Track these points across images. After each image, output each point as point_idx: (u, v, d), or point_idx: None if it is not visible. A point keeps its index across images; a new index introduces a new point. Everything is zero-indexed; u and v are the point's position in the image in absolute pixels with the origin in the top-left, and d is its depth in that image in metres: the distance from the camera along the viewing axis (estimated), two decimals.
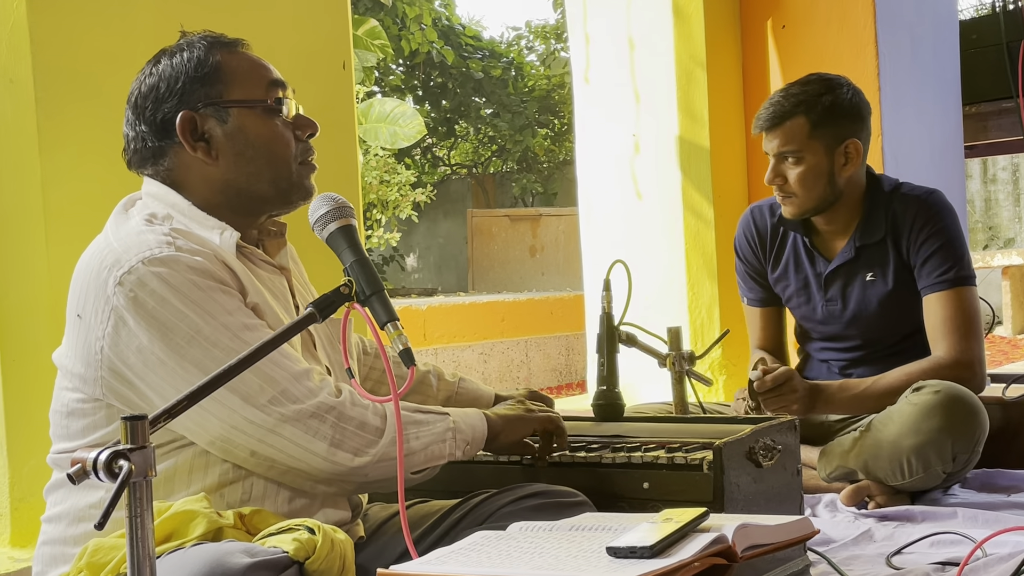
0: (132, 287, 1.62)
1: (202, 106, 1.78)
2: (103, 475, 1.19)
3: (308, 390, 1.66)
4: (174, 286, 1.62)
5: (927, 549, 2.31)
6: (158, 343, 1.61)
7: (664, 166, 4.37)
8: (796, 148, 2.87)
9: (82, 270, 1.71)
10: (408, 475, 1.76)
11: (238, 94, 1.80)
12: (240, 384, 1.61)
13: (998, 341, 9.14)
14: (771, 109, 2.90)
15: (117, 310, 1.62)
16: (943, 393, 2.64)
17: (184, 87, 1.79)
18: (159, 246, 1.65)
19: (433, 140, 15.78)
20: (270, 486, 1.70)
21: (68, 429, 1.71)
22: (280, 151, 1.81)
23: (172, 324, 1.62)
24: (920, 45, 4.49)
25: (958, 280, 2.86)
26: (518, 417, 1.95)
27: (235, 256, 1.74)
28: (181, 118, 1.77)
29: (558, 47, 16.54)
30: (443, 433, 1.79)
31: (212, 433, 1.64)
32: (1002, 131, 5.04)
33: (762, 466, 1.97)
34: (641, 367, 2.90)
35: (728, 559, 1.42)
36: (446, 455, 1.79)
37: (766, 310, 3.20)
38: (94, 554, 1.51)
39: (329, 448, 1.65)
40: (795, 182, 2.89)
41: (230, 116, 1.79)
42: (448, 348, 7.60)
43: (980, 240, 12.62)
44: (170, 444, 1.68)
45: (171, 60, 1.81)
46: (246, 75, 1.81)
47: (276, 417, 1.63)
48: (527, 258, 13.35)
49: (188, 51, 1.81)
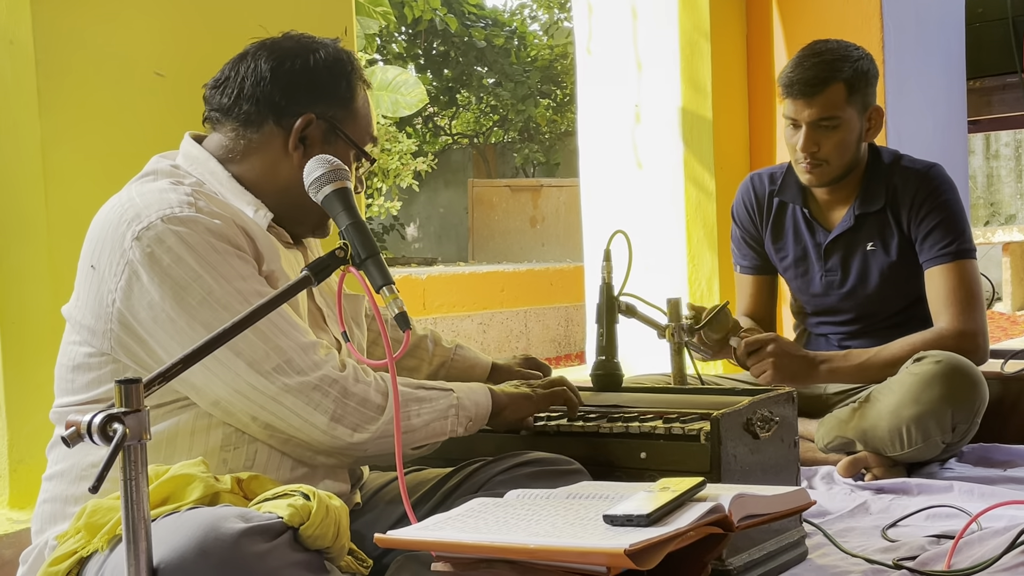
0: (149, 242, 1.62)
1: (326, 120, 1.82)
2: (97, 438, 1.18)
3: (313, 362, 1.66)
4: (191, 245, 1.62)
5: (923, 522, 2.32)
6: (170, 301, 1.61)
7: (666, 137, 4.35)
8: (835, 114, 2.85)
9: (100, 222, 1.71)
10: (407, 451, 1.76)
11: (350, 129, 1.84)
12: (247, 349, 1.62)
13: (997, 317, 9.14)
14: (806, 76, 2.84)
15: (132, 264, 1.62)
16: (944, 363, 2.65)
17: (326, 94, 1.82)
18: (180, 205, 1.66)
19: (435, 109, 15.73)
20: (274, 453, 1.71)
21: (73, 383, 1.71)
22: None
23: (185, 283, 1.62)
24: (925, 18, 4.47)
25: (960, 253, 2.87)
26: (524, 396, 1.95)
27: (264, 230, 1.76)
28: (305, 118, 1.80)
29: (561, 17, 16.47)
30: (445, 410, 1.79)
31: (215, 395, 1.64)
32: (1006, 106, 5.02)
33: (759, 437, 1.97)
34: (640, 338, 2.89)
35: (724, 528, 1.43)
36: (447, 432, 1.80)
37: (759, 278, 3.20)
38: (92, 515, 1.51)
39: (329, 422, 1.66)
40: (831, 149, 2.87)
41: (333, 143, 1.83)
42: (447, 318, 7.60)
43: (981, 216, 12.60)
44: (172, 404, 1.68)
45: (330, 62, 1.84)
46: (365, 117, 1.87)
47: (279, 386, 1.63)
48: (527, 228, 13.34)
49: (344, 64, 1.85)
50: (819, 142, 2.86)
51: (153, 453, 1.62)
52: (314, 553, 1.45)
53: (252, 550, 1.36)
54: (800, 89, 2.84)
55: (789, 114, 2.88)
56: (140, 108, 2.42)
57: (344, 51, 1.88)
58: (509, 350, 8.12)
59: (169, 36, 2.47)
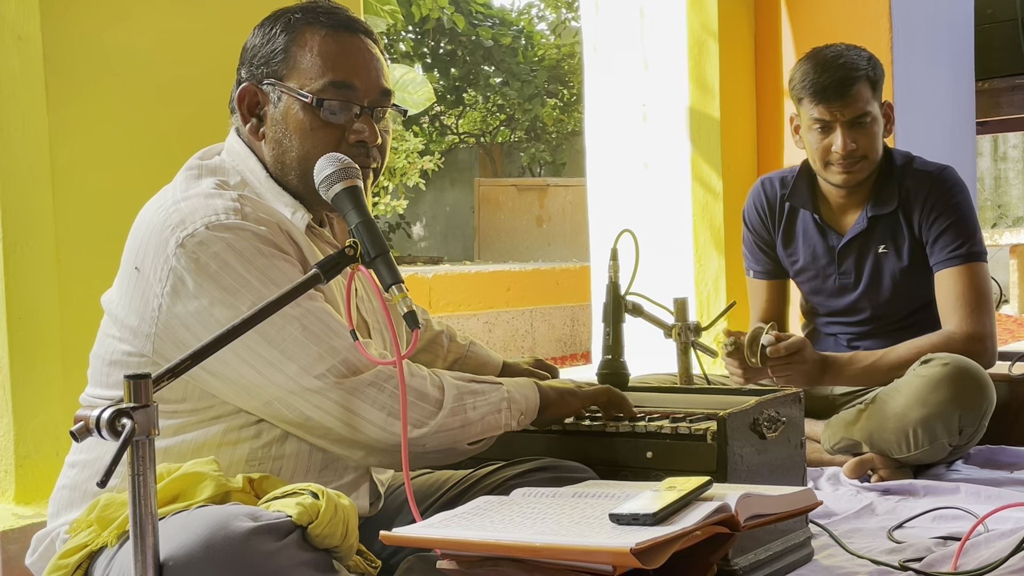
0: (195, 249, 1.61)
1: (266, 83, 1.77)
2: (106, 433, 1.19)
3: (367, 360, 1.64)
4: (238, 251, 1.61)
5: (929, 524, 2.32)
6: (219, 306, 1.60)
7: (673, 137, 4.34)
8: (867, 110, 2.87)
9: (144, 223, 1.69)
10: (464, 446, 1.73)
11: (295, 81, 1.75)
12: (299, 351, 1.60)
13: (1005, 319, 9.13)
14: (836, 77, 2.85)
15: (176, 271, 1.61)
16: (952, 365, 2.64)
17: (255, 59, 1.78)
18: (225, 212, 1.64)
19: (441, 108, 15.73)
20: (298, 470, 1.69)
21: (109, 377, 1.71)
22: (309, 149, 1.74)
23: (234, 289, 1.61)
24: (934, 20, 4.46)
25: (970, 256, 2.87)
26: (570, 392, 1.92)
27: (303, 233, 1.74)
28: (241, 90, 1.78)
29: (569, 16, 16.45)
30: (499, 403, 1.76)
31: (267, 396, 1.63)
32: (1014, 107, 5.01)
33: (766, 438, 1.96)
34: (647, 337, 2.89)
35: (730, 528, 1.43)
36: (502, 425, 1.77)
37: (772, 283, 3.19)
38: (105, 508, 1.51)
39: (387, 418, 1.63)
40: (868, 145, 2.89)
41: (281, 101, 1.76)
42: (453, 317, 7.60)
43: (989, 218, 12.57)
44: (205, 413, 1.67)
45: (263, 26, 1.79)
46: (311, 64, 1.75)
47: (333, 385, 1.61)
48: (534, 228, 13.33)
49: (278, 22, 1.78)
50: (856, 140, 2.87)
51: (178, 461, 1.61)
52: (322, 552, 1.45)
53: (261, 549, 1.36)
54: (835, 91, 2.85)
55: (820, 116, 2.88)
56: (148, 105, 2.43)
57: (298, 6, 1.80)
58: (515, 349, 8.12)
59: (178, 33, 2.47)
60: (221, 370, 1.62)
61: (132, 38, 2.41)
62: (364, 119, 1.77)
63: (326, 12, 1.78)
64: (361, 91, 1.77)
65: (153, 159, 2.38)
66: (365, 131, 1.76)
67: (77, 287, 2.27)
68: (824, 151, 2.89)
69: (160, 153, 2.38)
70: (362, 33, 1.80)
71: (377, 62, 1.80)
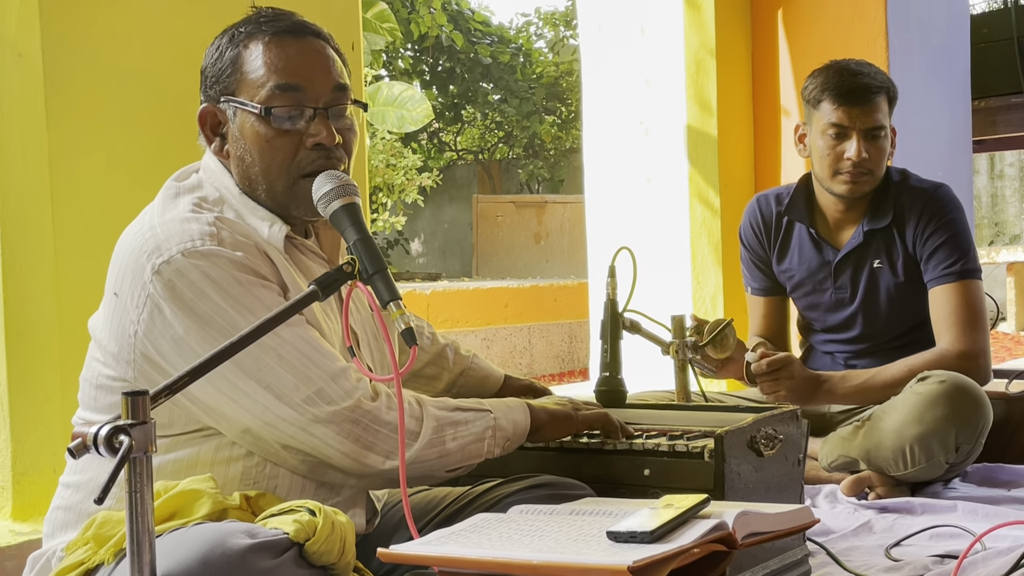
0: (170, 276, 1.60)
1: (222, 101, 1.74)
2: (103, 450, 1.18)
3: (344, 391, 1.63)
4: (213, 279, 1.60)
5: (926, 542, 2.31)
6: (194, 335, 1.59)
7: (671, 154, 4.36)
8: (883, 124, 2.90)
9: (123, 248, 1.68)
10: (442, 473, 1.73)
11: (244, 94, 1.72)
12: (275, 382, 1.60)
13: (1002, 337, 9.13)
14: (862, 83, 2.87)
15: (153, 298, 1.60)
16: (948, 383, 2.65)
17: (208, 78, 1.76)
18: (201, 237, 1.62)
19: (440, 125, 15.77)
20: (292, 490, 1.69)
21: (97, 401, 1.70)
22: (269, 161, 1.71)
23: (209, 318, 1.60)
24: (931, 38, 4.47)
25: (964, 273, 2.87)
26: (564, 415, 1.90)
27: (281, 249, 1.71)
28: (201, 112, 1.76)
29: (567, 34, 16.51)
30: (482, 432, 1.75)
31: (243, 425, 1.62)
32: (1011, 126, 5.02)
33: (763, 455, 1.96)
34: (644, 354, 2.90)
35: (728, 546, 1.42)
36: (483, 454, 1.76)
37: (769, 299, 3.20)
38: (101, 526, 1.51)
39: (361, 450, 1.63)
40: (877, 159, 2.90)
41: (237, 117, 1.73)
42: (451, 333, 7.57)
43: (986, 236, 12.59)
44: (196, 432, 1.67)
45: (213, 44, 1.76)
46: (254, 73, 1.71)
47: (309, 417, 1.61)
48: (532, 245, 13.34)
49: (225, 37, 1.75)
50: (868, 151, 2.88)
51: (171, 479, 1.61)
52: (319, 569, 1.44)
53: (258, 566, 1.36)
54: (859, 96, 2.86)
55: (838, 121, 2.88)
56: (147, 121, 2.43)
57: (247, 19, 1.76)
58: (513, 366, 8.12)
59: (178, 52, 2.48)
60: (200, 397, 1.61)
61: (132, 56, 2.42)
62: (319, 121, 1.71)
63: (269, 20, 1.74)
64: (311, 92, 1.71)
65: (152, 177, 2.37)
66: (322, 132, 1.70)
67: (76, 304, 2.27)
68: (836, 158, 2.90)
69: (159, 171, 2.36)
70: (310, 35, 1.75)
71: (327, 60, 1.74)
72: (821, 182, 2.98)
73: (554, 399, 2.02)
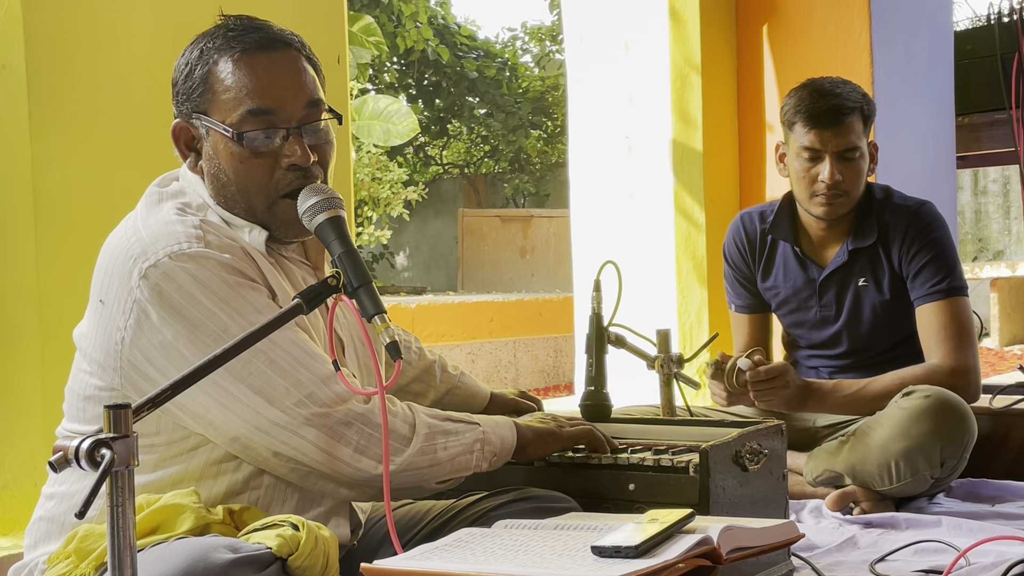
0: (158, 280, 1.58)
1: (194, 118, 1.72)
2: (85, 464, 1.17)
3: (336, 394, 1.62)
4: (201, 282, 1.59)
5: (911, 557, 2.31)
6: (183, 340, 1.58)
7: (656, 169, 4.37)
8: (857, 144, 2.88)
9: (108, 254, 1.66)
10: (432, 484, 1.72)
11: (216, 115, 1.69)
12: (266, 386, 1.58)
13: (985, 353, 9.17)
14: (833, 105, 2.86)
15: (140, 303, 1.58)
16: (933, 398, 2.65)
17: (179, 94, 1.73)
18: (187, 240, 1.61)
19: (426, 139, 15.79)
20: (275, 501, 1.68)
21: (84, 412, 1.68)
22: (246, 183, 1.69)
23: (198, 321, 1.58)
24: (915, 54, 4.50)
25: (951, 290, 2.88)
26: (550, 433, 1.90)
27: (264, 254, 1.70)
28: (174, 127, 1.74)
29: (553, 49, 16.56)
30: (471, 444, 1.74)
31: (233, 432, 1.60)
32: (994, 142, 5.04)
33: (748, 470, 1.96)
34: (629, 369, 2.90)
35: (713, 561, 1.42)
36: (472, 467, 1.75)
37: (753, 316, 3.20)
38: (83, 540, 1.50)
39: (353, 454, 1.62)
40: (853, 180, 2.89)
41: (210, 135, 1.70)
42: (436, 347, 7.59)
43: (969, 252, 12.65)
44: (183, 446, 1.65)
45: (182, 56, 1.73)
46: (225, 95, 1.68)
47: (301, 420, 1.59)
48: (517, 259, 13.35)
49: (194, 52, 1.71)
50: (842, 172, 2.87)
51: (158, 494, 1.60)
52: None
53: None
54: (831, 118, 2.85)
55: (810, 144, 2.88)
56: (131, 133, 2.43)
57: (211, 31, 1.71)
58: (498, 380, 8.12)
59: (163, 63, 2.47)
60: (189, 404, 1.60)
61: (116, 68, 2.41)
62: (293, 140, 1.68)
63: (238, 34, 1.70)
64: (283, 113, 1.68)
65: (135, 188, 2.36)
66: (296, 153, 1.68)
67: (57, 315, 2.26)
68: (811, 180, 2.90)
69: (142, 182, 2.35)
70: (281, 47, 1.71)
71: (299, 75, 1.71)
72: (800, 203, 2.99)
73: (539, 416, 2.02)
